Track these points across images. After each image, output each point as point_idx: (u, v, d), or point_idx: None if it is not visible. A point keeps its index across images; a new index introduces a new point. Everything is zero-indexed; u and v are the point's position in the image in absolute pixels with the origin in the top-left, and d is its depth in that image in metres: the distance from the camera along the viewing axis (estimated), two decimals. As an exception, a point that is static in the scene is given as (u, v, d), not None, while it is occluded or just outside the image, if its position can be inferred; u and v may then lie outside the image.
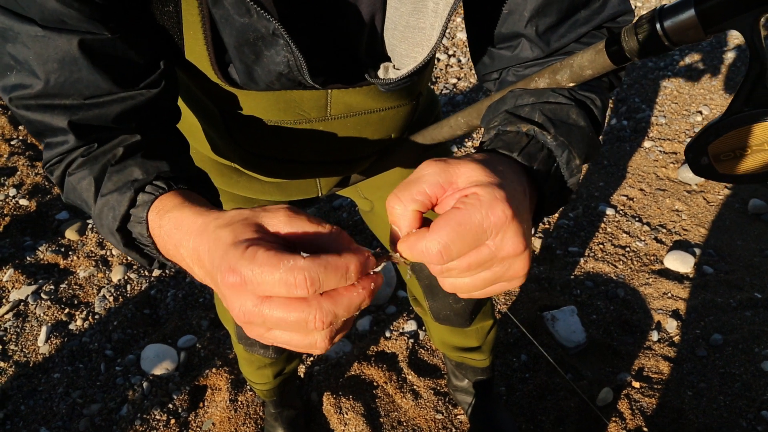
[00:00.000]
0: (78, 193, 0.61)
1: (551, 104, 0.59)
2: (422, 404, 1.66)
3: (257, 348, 1.18)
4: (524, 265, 0.46)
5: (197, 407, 1.68)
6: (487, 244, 0.44)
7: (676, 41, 0.49)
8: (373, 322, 1.90)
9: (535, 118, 0.57)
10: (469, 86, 3.28)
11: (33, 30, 0.54)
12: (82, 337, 1.87)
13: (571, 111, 0.59)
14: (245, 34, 0.59)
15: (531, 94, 0.61)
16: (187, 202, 0.52)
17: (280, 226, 0.43)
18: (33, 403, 1.68)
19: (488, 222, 0.43)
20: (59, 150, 0.61)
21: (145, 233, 0.54)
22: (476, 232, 0.43)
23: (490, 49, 0.71)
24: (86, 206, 0.62)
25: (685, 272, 2.08)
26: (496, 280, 0.47)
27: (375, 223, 1.16)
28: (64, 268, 2.15)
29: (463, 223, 0.43)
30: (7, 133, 2.97)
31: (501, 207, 0.43)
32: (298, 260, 0.39)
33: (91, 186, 0.59)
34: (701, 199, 2.43)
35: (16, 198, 2.46)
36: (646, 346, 1.83)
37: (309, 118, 0.75)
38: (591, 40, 0.66)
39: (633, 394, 1.67)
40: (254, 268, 0.39)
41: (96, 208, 0.58)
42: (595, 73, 0.58)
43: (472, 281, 0.47)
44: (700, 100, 3.11)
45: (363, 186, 1.07)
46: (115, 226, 0.56)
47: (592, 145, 0.59)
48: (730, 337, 1.83)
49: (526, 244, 0.45)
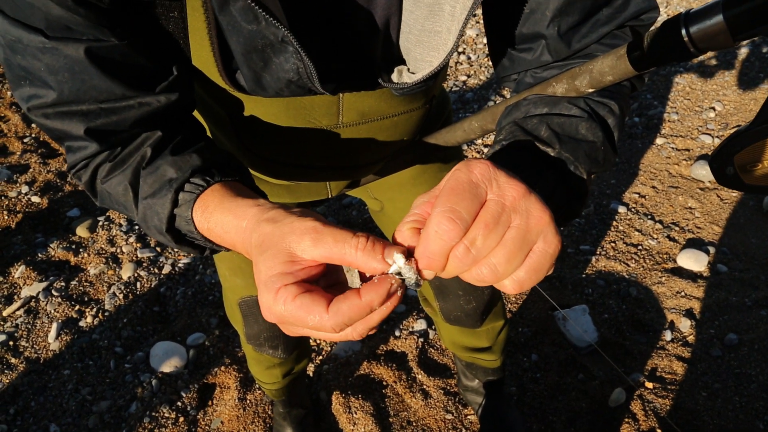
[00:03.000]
0: (115, 199, 0.63)
1: (561, 117, 0.57)
2: (432, 404, 1.64)
3: (266, 348, 1.18)
4: (540, 207, 0.42)
5: (206, 405, 1.67)
6: (490, 197, 0.42)
7: (702, 48, 0.47)
8: (383, 321, 1.89)
9: (541, 133, 0.56)
10: (479, 83, 3.25)
11: (40, 41, 0.54)
12: (92, 334, 1.87)
13: (581, 125, 0.57)
14: (253, 41, 0.58)
15: (545, 103, 0.60)
16: (226, 202, 0.55)
17: (307, 251, 0.44)
18: (43, 400, 1.69)
19: (474, 176, 0.42)
20: (82, 154, 0.62)
21: (194, 230, 0.56)
22: (469, 186, 0.41)
23: (510, 51, 0.69)
24: (126, 211, 0.63)
25: (699, 271, 2.05)
26: (524, 238, 0.42)
27: (384, 223, 1.15)
28: (74, 265, 2.15)
29: (453, 187, 0.41)
30: (20, 131, 2.99)
31: (479, 163, 0.42)
32: (323, 315, 0.42)
33: (128, 191, 0.61)
34: (715, 197, 2.40)
35: (29, 195, 2.48)
36: (659, 346, 1.80)
37: (320, 125, 0.74)
38: (613, 41, 0.64)
39: (646, 395, 1.65)
40: (285, 314, 0.44)
41: (139, 212, 0.60)
42: (615, 79, 0.56)
43: (504, 248, 0.42)
44: (713, 96, 3.06)
45: (373, 186, 1.06)
46: (164, 227, 0.58)
47: (601, 159, 0.57)
48: (745, 337, 1.80)
49: (525, 186, 0.43)
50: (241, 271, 1.06)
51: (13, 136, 2.90)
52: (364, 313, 0.43)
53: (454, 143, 0.78)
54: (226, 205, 0.54)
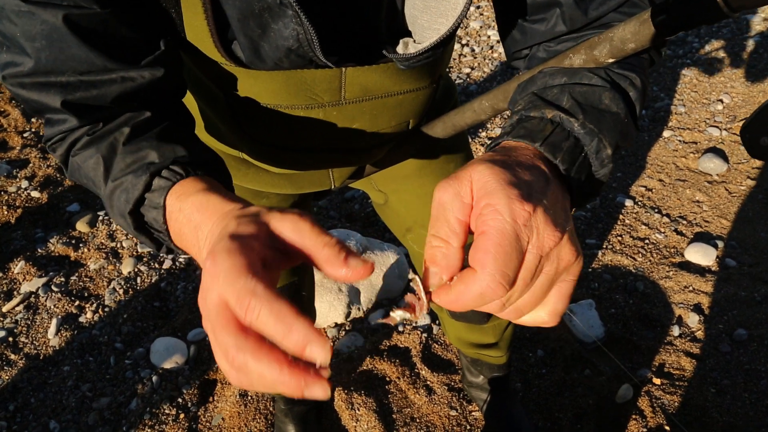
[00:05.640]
0: (84, 173, 0.59)
1: (583, 86, 0.54)
2: (436, 400, 1.62)
3: None
4: (570, 250, 0.42)
5: (207, 401, 1.65)
6: (530, 249, 0.41)
7: (735, 6, 0.43)
8: (386, 316, 1.87)
9: (563, 103, 0.52)
10: (483, 75, 3.22)
11: (16, 4, 0.51)
12: (92, 330, 1.86)
13: (605, 95, 0.53)
14: (250, 4, 0.54)
15: (563, 74, 0.55)
16: (211, 189, 0.50)
17: (281, 228, 0.41)
18: (43, 396, 1.67)
19: (518, 226, 0.40)
20: (61, 128, 0.58)
21: (161, 219, 0.52)
22: (515, 242, 0.40)
23: (521, 23, 0.65)
24: (93, 185, 0.59)
25: (707, 265, 2.02)
26: (552, 281, 0.43)
27: (388, 215, 1.12)
28: (74, 260, 2.13)
29: (500, 243, 0.40)
30: (20, 125, 2.97)
31: (519, 206, 0.40)
32: (258, 286, 0.36)
33: (99, 165, 0.56)
34: (723, 190, 2.36)
35: (28, 190, 2.46)
36: (667, 342, 1.77)
37: (321, 102, 0.70)
38: (632, 9, 0.60)
39: (654, 391, 1.62)
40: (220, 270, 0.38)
41: (107, 188, 0.56)
42: (638, 46, 0.52)
43: (532, 295, 0.43)
44: (721, 89, 3.02)
45: (377, 178, 1.03)
46: (128, 209, 0.53)
47: (625, 133, 0.54)
48: (755, 332, 1.77)
49: (562, 228, 0.42)
50: None
51: (12, 131, 2.88)
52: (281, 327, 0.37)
53: (462, 126, 0.73)
54: (210, 190, 0.50)
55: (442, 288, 0.43)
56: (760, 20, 3.56)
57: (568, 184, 0.49)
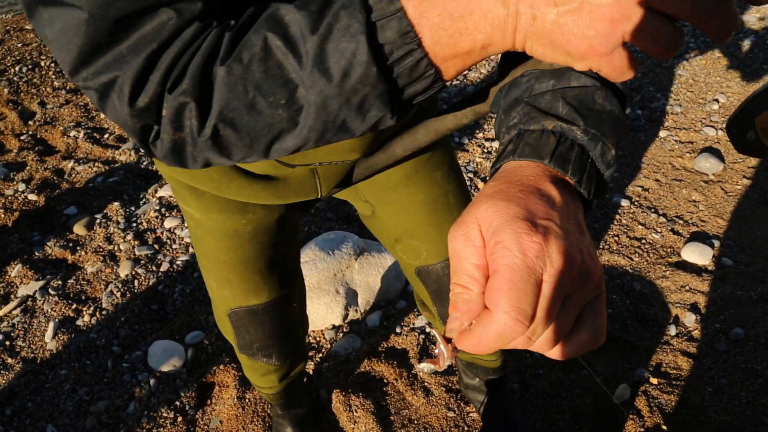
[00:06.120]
0: (262, 79, 0.43)
1: (574, 89, 0.52)
2: (433, 402, 1.62)
3: (260, 357, 1.14)
4: (589, 269, 0.42)
5: (204, 404, 1.65)
6: (546, 279, 0.40)
7: None
8: (383, 318, 1.87)
9: (559, 110, 0.51)
10: (480, 77, 3.22)
11: None
12: (90, 333, 1.85)
13: (597, 94, 0.52)
14: None
15: (550, 75, 0.54)
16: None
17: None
18: (40, 400, 1.67)
19: (530, 260, 0.39)
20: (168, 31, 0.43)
21: (405, 22, 0.41)
22: (527, 276, 0.39)
23: None
24: (281, 92, 0.43)
25: (704, 264, 2.03)
26: (579, 303, 0.42)
27: (376, 227, 1.09)
28: (72, 263, 2.13)
29: (511, 279, 0.39)
30: (17, 128, 2.97)
31: (528, 239, 0.40)
32: None
33: (293, 39, 0.41)
34: (719, 189, 2.37)
35: (25, 193, 2.45)
36: (664, 341, 1.78)
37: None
38: None
39: (651, 391, 1.63)
40: None
41: (310, 56, 0.41)
42: None
43: (561, 322, 0.42)
44: (717, 88, 3.03)
45: (364, 188, 1.01)
46: (365, 57, 0.40)
47: (622, 128, 0.53)
48: (751, 331, 1.78)
49: (578, 249, 0.41)
50: (228, 282, 1.01)
51: (9, 134, 2.88)
52: None
53: (445, 132, 0.70)
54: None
55: (464, 333, 0.42)
56: (755, 20, 3.57)
57: (580, 193, 0.48)
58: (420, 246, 1.03)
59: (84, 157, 2.73)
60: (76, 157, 2.72)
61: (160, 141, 0.48)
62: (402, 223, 1.03)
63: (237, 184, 0.85)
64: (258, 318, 1.06)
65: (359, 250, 1.92)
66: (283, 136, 0.46)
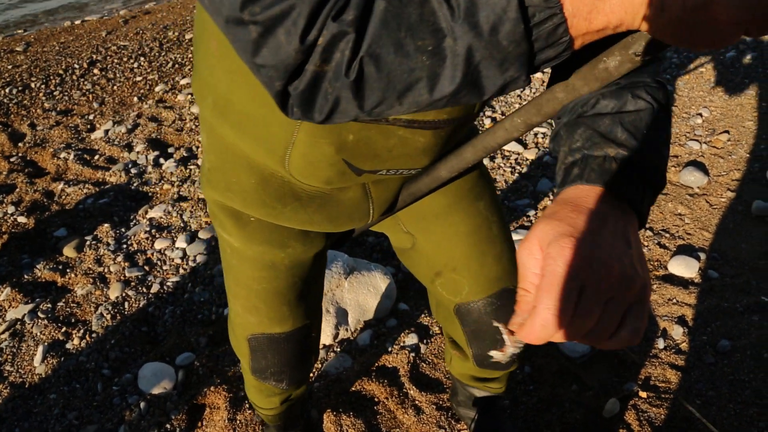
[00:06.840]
0: (412, 48, 0.42)
1: (631, 114, 0.60)
2: (424, 420, 1.62)
3: (271, 381, 1.13)
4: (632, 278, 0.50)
5: (195, 427, 1.65)
6: (587, 284, 0.49)
7: None
8: (374, 336, 1.87)
9: (618, 135, 0.59)
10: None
11: None
12: (79, 357, 1.84)
13: (652, 118, 0.60)
14: None
15: (611, 97, 0.61)
16: None
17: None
18: (28, 426, 1.66)
19: (569, 267, 0.48)
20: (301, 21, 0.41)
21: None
22: (564, 279, 0.48)
23: None
24: (430, 39, 0.42)
25: (690, 277, 2.05)
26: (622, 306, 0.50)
27: (415, 260, 1.04)
28: (61, 285, 2.13)
29: (552, 282, 0.48)
30: (7, 150, 2.97)
31: (570, 252, 0.49)
32: None
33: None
34: (704, 202, 2.40)
35: (15, 215, 2.45)
36: (653, 354, 1.79)
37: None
38: None
39: (640, 405, 1.64)
40: None
41: (458, 34, 0.41)
42: None
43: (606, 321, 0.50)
44: (700, 103, 3.08)
45: (405, 217, 0.99)
46: (514, 14, 0.41)
47: (668, 145, 0.62)
48: (738, 343, 1.80)
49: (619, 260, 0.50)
50: (256, 310, 1.00)
51: (-1, 157, 2.88)
52: None
53: (495, 147, 0.69)
54: None
55: (521, 326, 0.52)
56: (736, 35, 3.65)
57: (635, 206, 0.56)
58: (461, 280, 1.00)
59: (74, 178, 2.74)
60: (66, 179, 2.72)
61: (302, 75, 0.45)
62: (444, 254, 0.99)
63: (290, 208, 0.84)
64: (279, 346, 1.05)
65: (349, 269, 1.93)
66: (419, 84, 0.45)
